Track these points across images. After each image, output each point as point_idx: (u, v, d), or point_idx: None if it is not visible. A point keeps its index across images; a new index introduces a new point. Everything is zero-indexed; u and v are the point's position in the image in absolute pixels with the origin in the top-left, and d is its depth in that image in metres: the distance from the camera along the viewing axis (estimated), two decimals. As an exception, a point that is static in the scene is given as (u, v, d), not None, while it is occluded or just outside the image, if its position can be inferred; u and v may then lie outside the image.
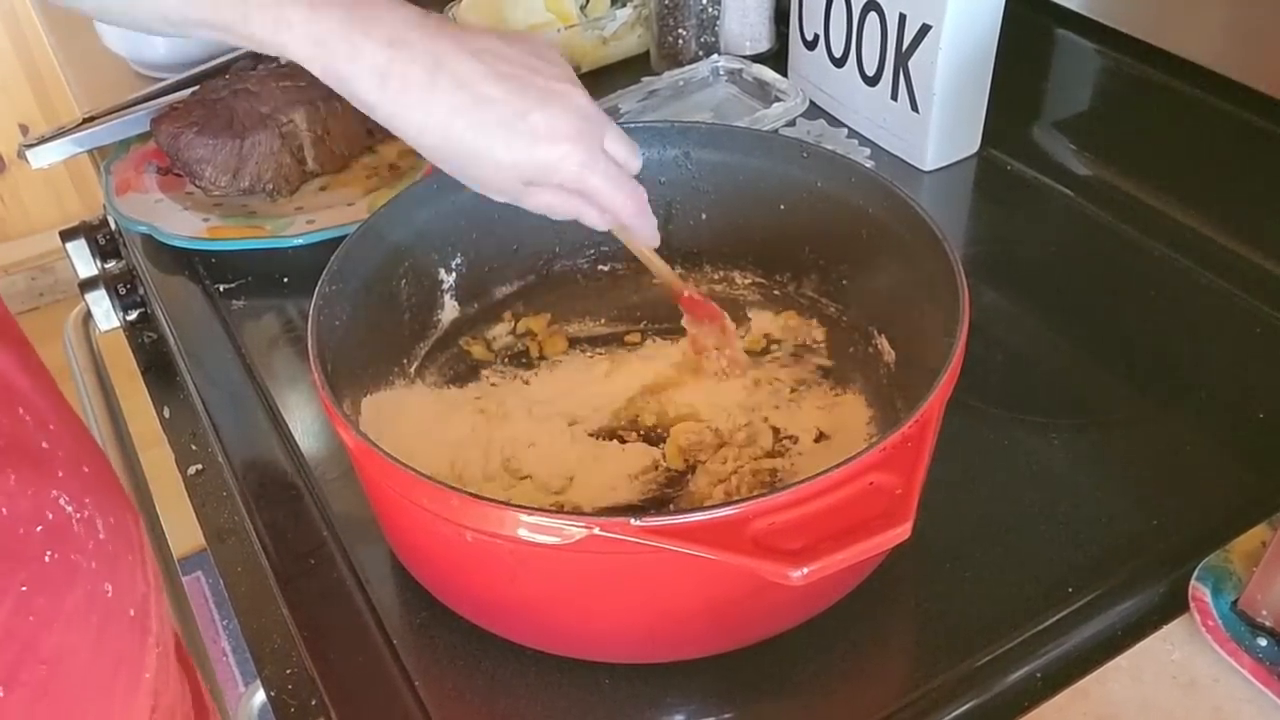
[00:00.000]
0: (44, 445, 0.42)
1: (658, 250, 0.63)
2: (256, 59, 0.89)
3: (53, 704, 0.40)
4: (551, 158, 0.54)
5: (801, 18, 0.91)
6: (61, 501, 0.41)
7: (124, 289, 0.86)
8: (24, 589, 0.39)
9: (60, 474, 0.42)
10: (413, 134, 0.53)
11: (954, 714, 0.50)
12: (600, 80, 1.00)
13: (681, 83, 0.93)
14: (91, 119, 0.89)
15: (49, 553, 0.40)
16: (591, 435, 0.62)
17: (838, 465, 0.43)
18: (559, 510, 0.56)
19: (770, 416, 0.63)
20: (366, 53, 0.51)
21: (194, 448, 0.72)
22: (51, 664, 0.39)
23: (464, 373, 0.66)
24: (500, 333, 0.69)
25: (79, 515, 0.42)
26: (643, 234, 0.60)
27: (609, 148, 0.56)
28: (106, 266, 0.92)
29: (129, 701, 0.44)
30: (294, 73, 0.83)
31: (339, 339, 0.56)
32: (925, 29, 0.78)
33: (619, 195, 0.57)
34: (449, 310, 0.67)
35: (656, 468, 0.60)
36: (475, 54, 0.53)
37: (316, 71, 0.53)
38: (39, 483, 0.41)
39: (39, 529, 0.40)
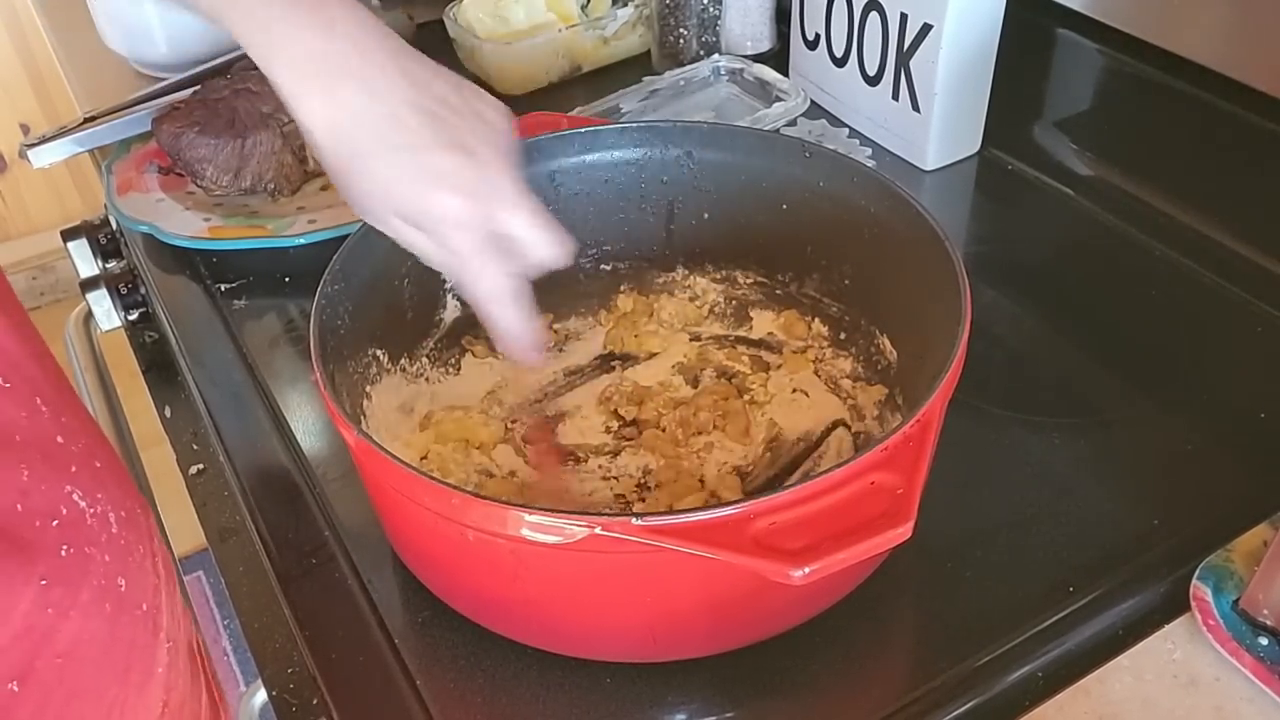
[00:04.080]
0: (59, 440, 0.43)
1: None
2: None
3: (67, 695, 0.40)
4: (432, 204, 0.49)
5: (803, 17, 0.91)
6: (75, 496, 0.42)
7: (125, 288, 0.86)
8: (43, 582, 0.39)
9: (74, 469, 0.43)
10: (306, 117, 0.49)
11: (955, 713, 0.50)
12: (601, 80, 1.00)
13: (683, 82, 0.93)
14: (93, 119, 0.89)
15: (64, 547, 0.40)
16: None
17: (839, 465, 0.43)
18: (560, 509, 0.56)
19: (773, 416, 0.63)
20: (297, 36, 0.48)
21: (195, 447, 0.72)
22: (67, 656, 0.40)
23: (465, 372, 0.66)
24: (502, 332, 0.69)
25: (92, 510, 0.42)
26: (503, 335, 0.53)
27: (513, 229, 0.51)
28: (108, 266, 0.92)
29: (141, 695, 0.45)
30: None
31: (341, 338, 0.56)
32: (926, 28, 0.79)
33: (485, 279, 0.51)
34: (451, 309, 0.67)
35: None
36: (410, 79, 0.50)
37: (246, 44, 0.49)
38: (53, 478, 0.41)
39: (54, 523, 0.40)
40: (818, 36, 0.90)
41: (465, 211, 0.49)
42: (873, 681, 0.52)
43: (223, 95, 0.83)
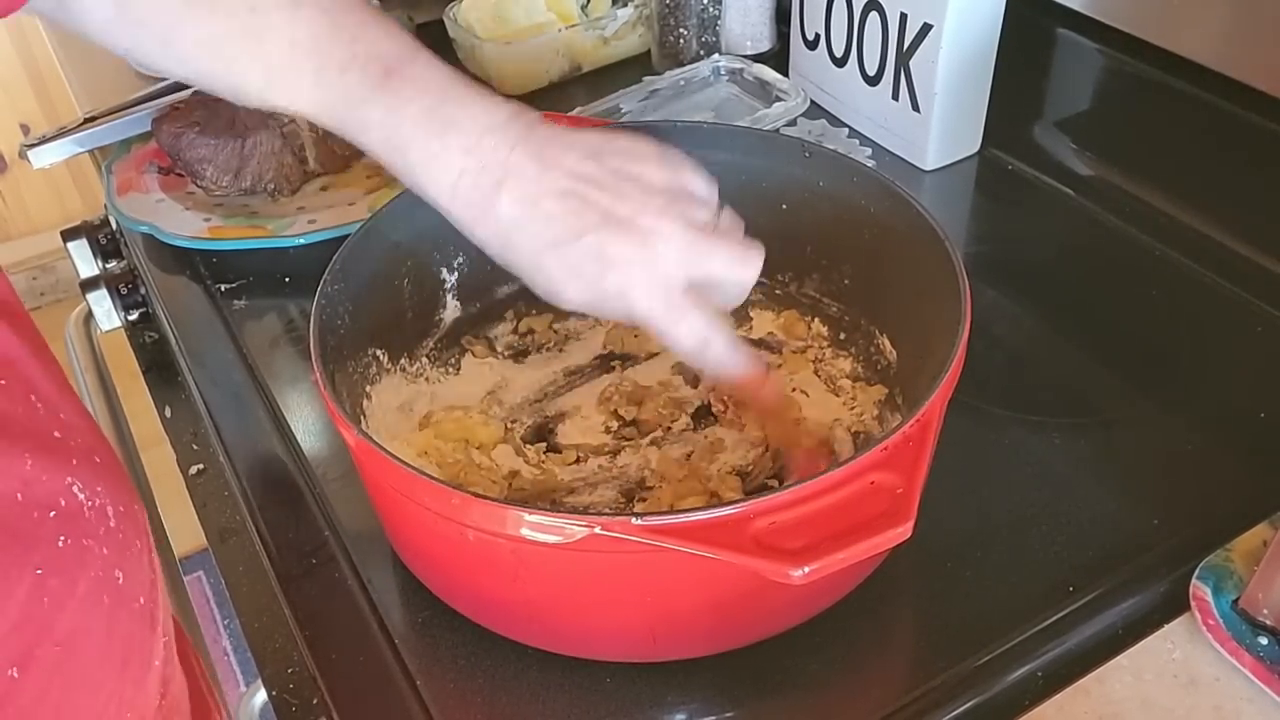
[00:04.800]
0: (56, 435, 0.43)
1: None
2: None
3: (66, 685, 0.40)
4: (609, 284, 0.50)
5: (802, 17, 0.91)
6: (75, 489, 0.42)
7: (125, 289, 0.86)
8: (39, 572, 0.39)
9: (74, 462, 0.43)
10: (479, 241, 0.52)
11: (955, 713, 0.50)
12: (601, 80, 1.00)
13: (683, 82, 0.93)
14: (93, 119, 0.89)
15: (62, 538, 0.41)
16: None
17: (839, 464, 0.43)
18: (561, 509, 0.56)
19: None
20: (441, 160, 0.50)
21: (195, 447, 0.72)
22: (65, 646, 0.40)
23: (465, 372, 0.66)
24: (502, 332, 0.69)
25: (91, 503, 0.43)
26: (720, 374, 0.54)
27: (704, 271, 0.50)
28: (108, 266, 0.92)
29: (139, 687, 0.45)
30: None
31: (341, 338, 0.56)
32: (926, 28, 0.79)
33: (682, 332, 0.51)
34: (451, 309, 0.67)
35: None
36: (546, 162, 0.50)
37: (395, 171, 0.52)
38: (53, 469, 0.41)
39: (53, 514, 0.41)
40: (818, 36, 0.90)
41: (640, 280, 0.50)
42: (873, 681, 0.52)
43: (223, 95, 0.83)
